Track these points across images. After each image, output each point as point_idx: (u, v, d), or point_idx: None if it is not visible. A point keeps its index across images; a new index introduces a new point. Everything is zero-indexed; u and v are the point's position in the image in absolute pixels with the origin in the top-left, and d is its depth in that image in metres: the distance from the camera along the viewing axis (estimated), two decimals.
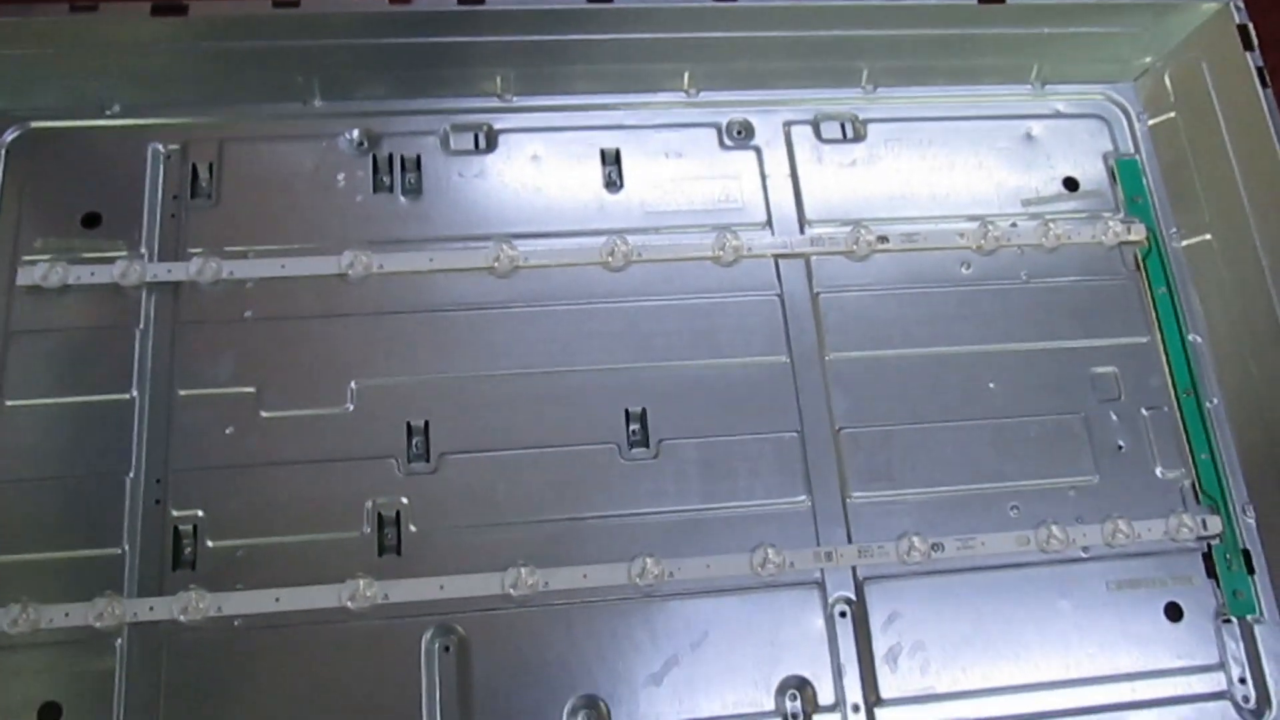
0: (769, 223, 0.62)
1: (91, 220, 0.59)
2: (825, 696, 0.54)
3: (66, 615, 0.51)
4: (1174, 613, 0.57)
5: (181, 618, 0.51)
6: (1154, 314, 0.63)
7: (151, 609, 0.52)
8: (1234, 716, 0.56)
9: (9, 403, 0.55)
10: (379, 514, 0.54)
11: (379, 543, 0.54)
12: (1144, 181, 0.66)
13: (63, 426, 0.55)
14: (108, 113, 0.61)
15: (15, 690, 0.50)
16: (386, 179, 0.61)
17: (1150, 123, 0.68)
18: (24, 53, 0.58)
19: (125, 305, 0.57)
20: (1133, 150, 0.67)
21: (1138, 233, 0.64)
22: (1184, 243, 0.65)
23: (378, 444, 0.56)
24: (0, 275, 0.57)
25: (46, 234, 0.58)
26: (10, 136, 0.60)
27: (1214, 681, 0.57)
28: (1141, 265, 0.64)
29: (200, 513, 0.54)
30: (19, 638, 0.51)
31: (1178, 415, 0.61)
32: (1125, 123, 0.68)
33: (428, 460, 0.56)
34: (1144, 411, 0.61)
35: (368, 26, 0.59)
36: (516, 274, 0.60)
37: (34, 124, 0.60)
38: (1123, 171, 0.66)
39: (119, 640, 0.51)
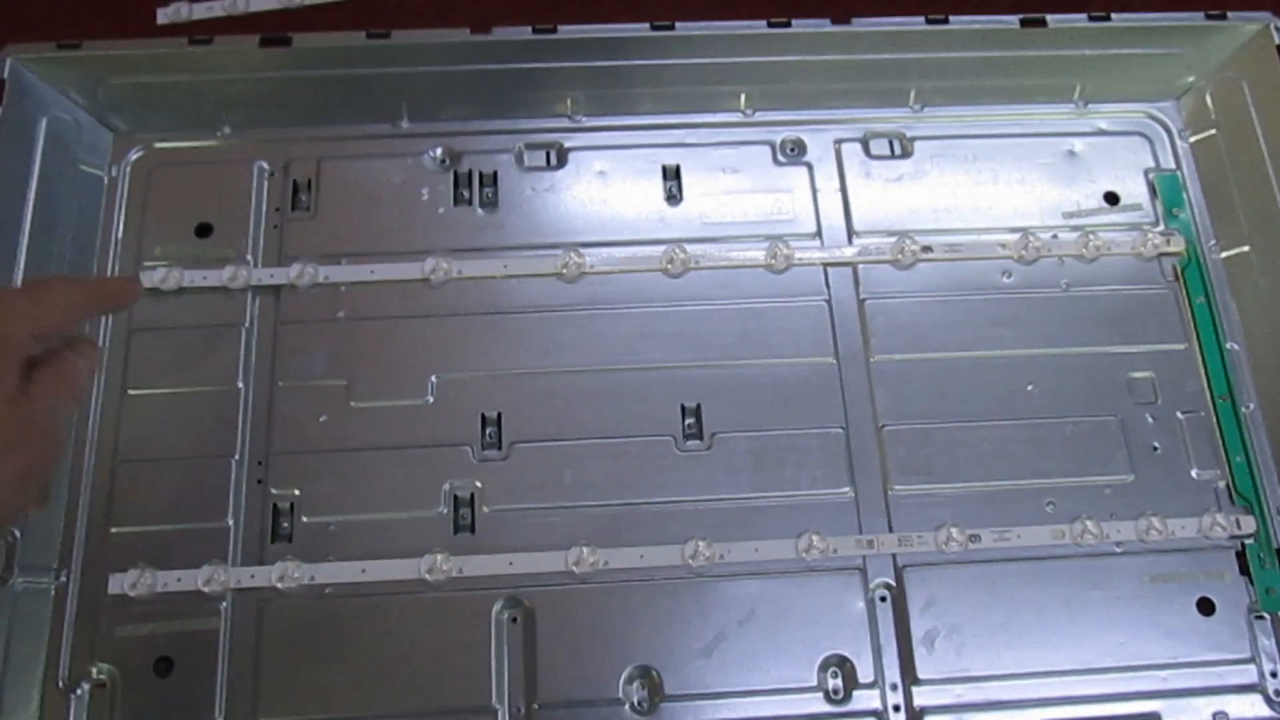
0: (819, 233, 0.66)
1: (204, 230, 0.65)
2: (865, 674, 0.57)
3: (179, 580, 0.57)
4: (1206, 607, 0.59)
5: (279, 585, 0.57)
6: (1192, 322, 0.65)
7: (253, 576, 0.57)
8: (1265, 710, 0.58)
9: (131, 392, 0.61)
10: (455, 496, 0.60)
11: (454, 522, 0.59)
12: (1184, 195, 0.69)
13: (177, 413, 0.61)
14: (219, 134, 0.68)
15: (135, 646, 0.56)
16: (466, 193, 0.67)
17: (1192, 140, 0.70)
18: (147, 80, 0.65)
19: (233, 306, 0.63)
20: (1173, 166, 0.70)
21: (1177, 244, 0.67)
22: (1223, 254, 0.67)
23: (455, 433, 0.61)
24: None
25: (164, 242, 0.65)
26: (134, 156, 0.67)
27: (1245, 675, 0.58)
28: (1180, 276, 0.67)
29: (297, 491, 0.59)
30: (138, 599, 0.57)
31: (1214, 419, 0.63)
32: (1167, 139, 0.70)
33: (500, 448, 0.61)
34: (1180, 415, 0.63)
35: (451, 54, 0.65)
36: (583, 279, 0.64)
37: (155, 144, 0.67)
38: (1163, 186, 0.69)
39: (224, 604, 0.57)
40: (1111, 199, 0.69)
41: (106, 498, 0.59)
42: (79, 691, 0.55)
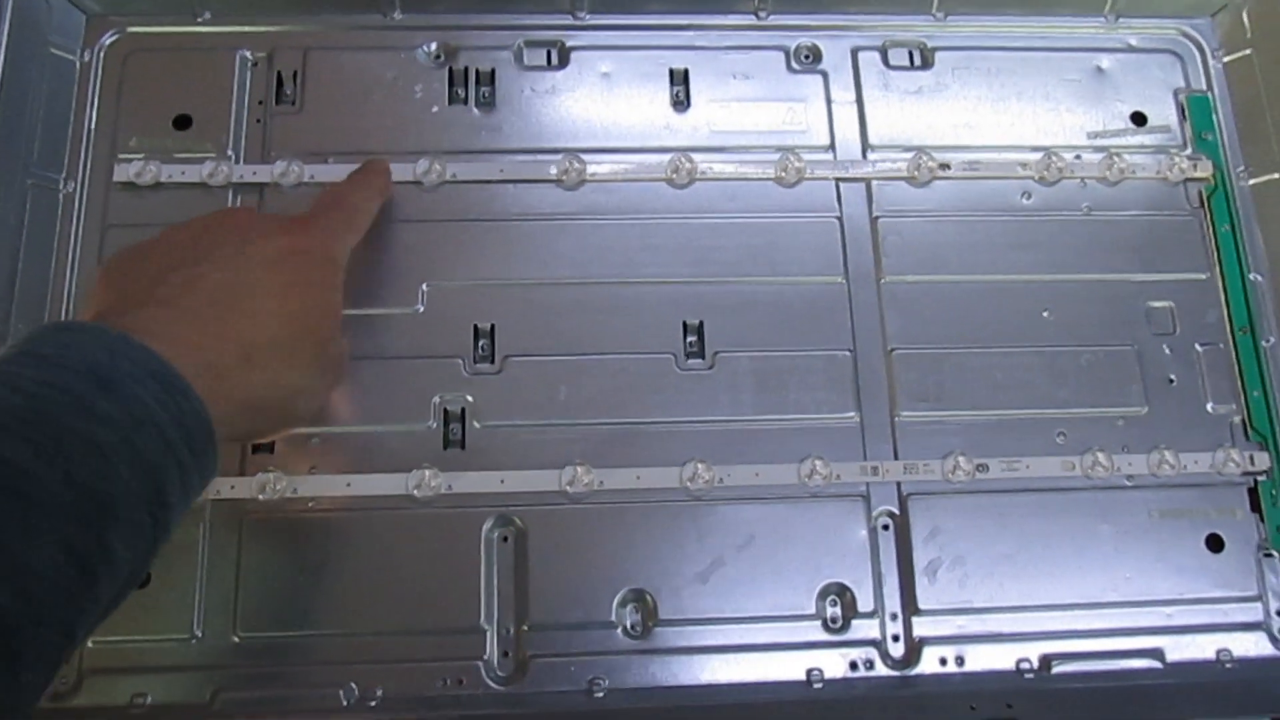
0: (832, 146, 0.63)
1: (182, 122, 0.61)
2: (865, 604, 0.56)
3: None
4: (1215, 544, 0.58)
5: (259, 497, 0.55)
6: (1216, 251, 0.63)
7: (233, 487, 0.55)
8: (1269, 647, 0.57)
9: None
10: (445, 410, 0.57)
11: (444, 437, 0.57)
12: (1214, 118, 0.66)
13: None
14: (199, 20, 0.64)
15: None
16: (461, 91, 0.63)
17: (1226, 60, 0.67)
18: None
19: (213, 203, 0.60)
20: (1205, 87, 0.66)
21: (1204, 169, 0.64)
22: (1251, 181, 0.64)
23: (446, 344, 0.58)
24: (99, 172, 0.60)
25: (141, 134, 0.61)
26: (108, 40, 0.63)
27: (1252, 612, 0.57)
28: (1206, 203, 0.64)
29: None
30: None
31: (1232, 352, 0.61)
32: (1199, 58, 0.67)
33: (493, 361, 0.58)
34: (1198, 347, 0.61)
35: None
36: (583, 187, 0.61)
37: (130, 29, 0.63)
38: (1193, 108, 0.66)
39: (203, 515, 0.55)
40: (1139, 120, 0.66)
41: None
42: None
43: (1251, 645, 0.57)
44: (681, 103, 0.64)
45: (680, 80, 0.64)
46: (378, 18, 0.64)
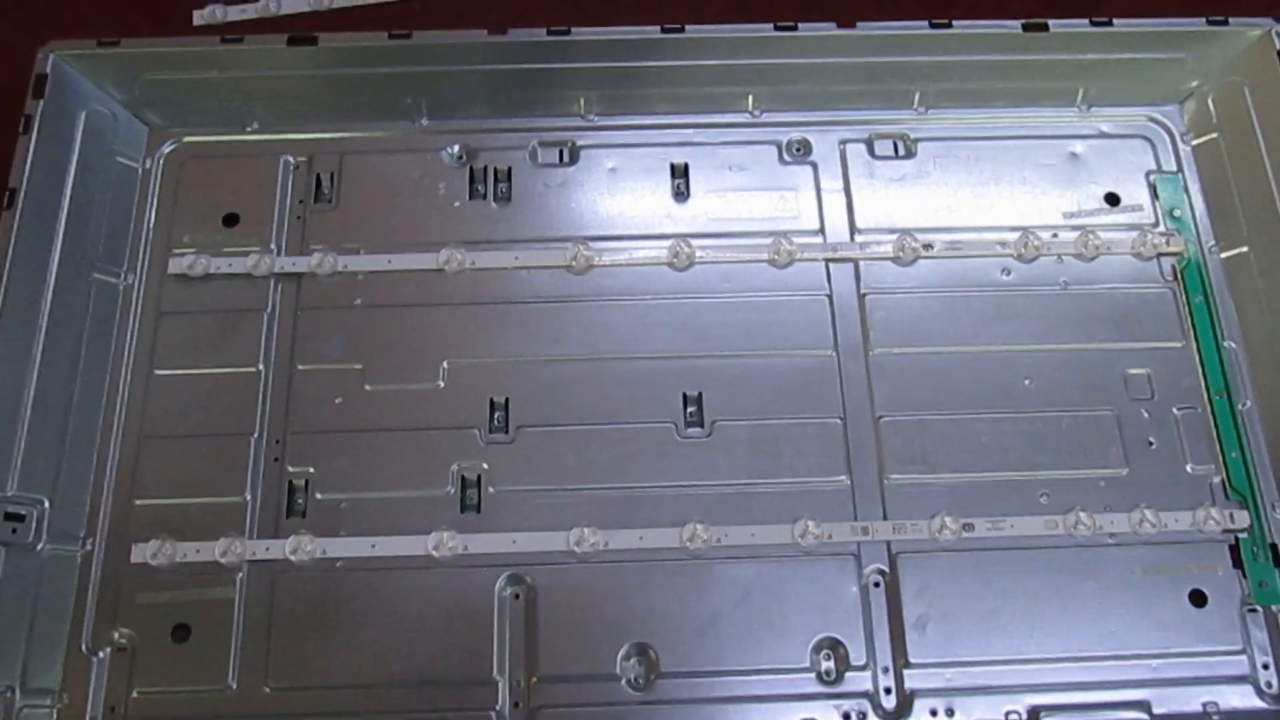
0: (822, 230, 0.68)
1: (231, 220, 0.68)
2: (857, 657, 0.59)
3: (198, 551, 0.60)
4: (1198, 599, 0.60)
5: (292, 558, 0.59)
6: (1190, 321, 0.66)
7: (268, 549, 0.60)
8: (1255, 701, 0.58)
9: (158, 372, 0.64)
10: (463, 476, 0.62)
11: (461, 501, 0.61)
12: (1184, 197, 0.70)
13: (201, 393, 0.64)
14: (248, 129, 0.71)
15: (154, 612, 0.59)
16: (481, 188, 0.69)
17: (1194, 143, 0.71)
18: (181, 77, 0.68)
19: (256, 292, 0.66)
20: (1175, 168, 0.71)
21: (1176, 244, 0.68)
22: (1223, 255, 0.68)
23: (464, 416, 0.63)
24: (155, 264, 0.67)
25: (193, 231, 0.68)
26: (167, 149, 0.70)
27: (1237, 666, 0.59)
28: (1179, 275, 0.68)
29: (311, 469, 0.62)
30: (159, 568, 0.59)
31: (1210, 415, 0.64)
32: (1169, 142, 0.71)
33: (507, 432, 0.63)
34: (1176, 411, 0.64)
35: (469, 54, 0.67)
36: (591, 271, 0.67)
37: (186, 138, 0.70)
38: (1164, 187, 0.70)
39: (240, 574, 0.60)
40: (1112, 200, 0.70)
41: (131, 471, 0.62)
42: (101, 655, 0.58)
43: (1238, 698, 0.59)
44: (682, 194, 0.69)
45: (681, 173, 0.70)
46: (406, 124, 0.71)
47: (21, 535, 0.58)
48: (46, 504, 0.59)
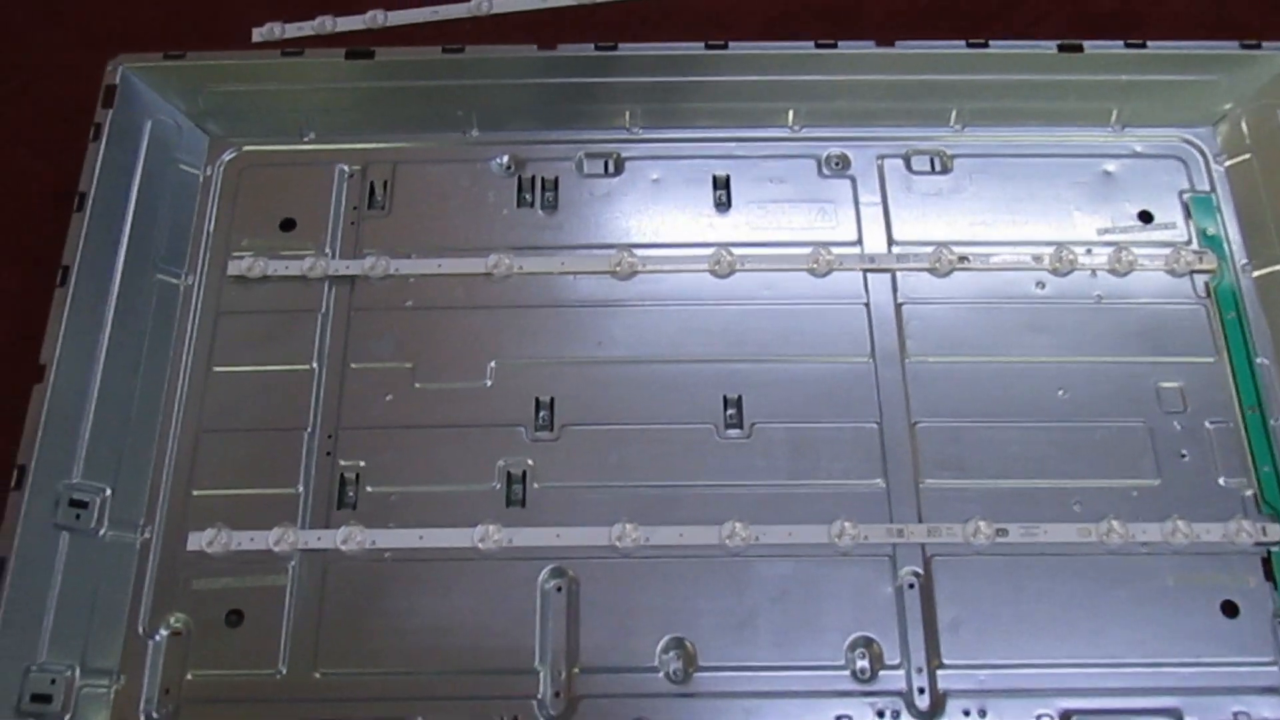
0: (859, 241, 0.70)
1: (288, 225, 0.71)
2: (891, 656, 0.60)
3: (252, 540, 0.62)
4: (1230, 610, 0.61)
5: (343, 548, 0.61)
6: (1222, 337, 0.68)
7: (319, 539, 0.62)
8: None
9: (216, 369, 0.67)
10: (508, 472, 0.64)
11: (507, 496, 0.63)
12: (1217, 216, 0.71)
13: (257, 389, 0.66)
14: (305, 139, 0.74)
15: (209, 598, 0.61)
16: (529, 196, 0.72)
17: (1227, 164, 0.72)
18: (242, 89, 0.71)
19: (311, 294, 0.69)
20: (1208, 188, 0.72)
21: (1209, 262, 0.69)
22: (1256, 273, 0.69)
23: (510, 414, 0.65)
24: (215, 266, 0.70)
25: (252, 235, 0.71)
26: (228, 157, 0.73)
27: (1268, 677, 0.59)
28: (1212, 292, 0.69)
29: (362, 463, 0.64)
30: (214, 556, 0.61)
31: (1242, 429, 0.65)
32: (1202, 163, 0.73)
33: (551, 430, 0.65)
34: (1208, 424, 0.65)
35: (519, 68, 0.70)
36: (635, 277, 0.69)
37: (246, 147, 0.73)
38: (1197, 207, 0.71)
39: (292, 563, 0.61)
40: (1145, 218, 0.71)
41: (190, 463, 0.64)
42: (157, 638, 0.60)
43: (1269, 709, 0.59)
44: (723, 204, 0.71)
45: (722, 185, 0.72)
46: (457, 135, 0.74)
47: (85, 521, 0.60)
48: (108, 492, 0.62)
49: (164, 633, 0.60)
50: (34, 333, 0.61)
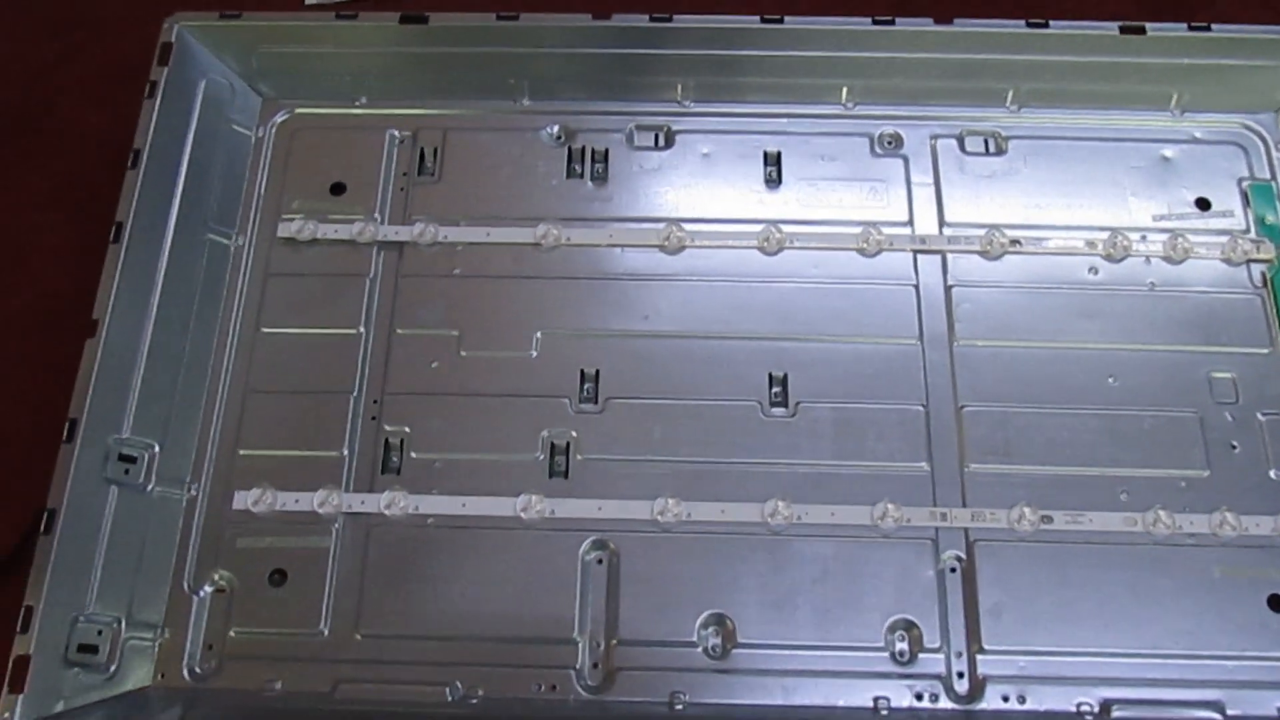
0: (910, 222, 0.69)
1: (338, 189, 0.71)
2: (931, 640, 0.59)
3: (296, 501, 0.62)
4: (1277, 604, 0.60)
5: (386, 512, 0.62)
6: (1278, 328, 0.66)
7: (363, 503, 0.62)
8: None
9: (264, 330, 0.67)
10: (552, 443, 0.64)
11: (550, 467, 0.63)
12: (1277, 205, 0.70)
13: (305, 352, 0.66)
14: (356, 103, 0.74)
15: (253, 557, 0.61)
16: (578, 167, 0.71)
17: None
18: (295, 50, 0.71)
19: (359, 258, 0.69)
20: (1269, 176, 0.71)
21: (1267, 251, 0.68)
22: None
23: (555, 385, 0.65)
24: (265, 228, 0.70)
25: (302, 198, 0.71)
26: (280, 119, 0.73)
27: None
28: (1269, 282, 0.68)
29: (407, 429, 0.64)
30: (259, 515, 0.62)
31: None
32: (1263, 150, 0.71)
33: (596, 402, 0.65)
34: (1261, 416, 0.64)
35: (572, 37, 0.70)
36: (683, 252, 0.68)
37: (298, 110, 0.73)
38: (1256, 195, 0.70)
39: (335, 525, 0.62)
40: (1203, 205, 0.70)
41: (237, 423, 0.65)
42: (201, 594, 0.61)
43: None
44: (774, 181, 0.71)
45: (773, 161, 0.71)
46: (508, 104, 0.73)
47: (133, 476, 0.61)
48: (157, 448, 0.62)
49: (208, 589, 0.61)
50: (90, 288, 0.62)
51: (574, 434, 0.64)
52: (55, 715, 0.55)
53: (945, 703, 0.58)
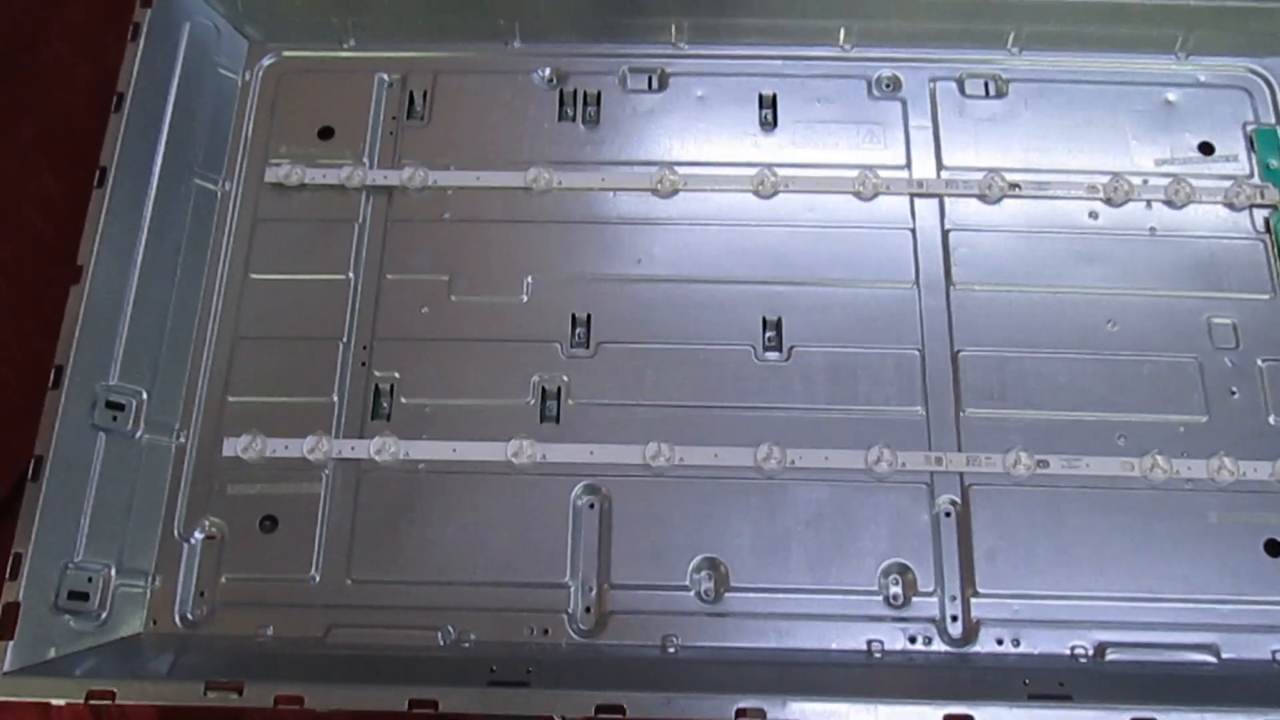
0: (908, 165, 0.68)
1: (326, 133, 0.70)
2: (925, 584, 0.59)
3: (286, 447, 0.62)
4: (1273, 549, 0.60)
5: (377, 458, 0.61)
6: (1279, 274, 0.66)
7: (353, 449, 0.62)
8: None
9: (253, 276, 0.66)
10: (543, 388, 0.63)
11: (541, 412, 0.63)
12: None
13: (293, 298, 0.66)
14: (344, 46, 0.72)
15: (243, 504, 0.61)
16: (570, 110, 0.70)
17: None
18: None
19: (348, 203, 0.68)
20: (1274, 121, 0.69)
21: (1270, 196, 0.67)
22: None
23: (546, 330, 0.64)
24: (252, 174, 0.69)
25: (289, 142, 0.70)
26: (267, 62, 0.72)
27: None
28: (1272, 228, 0.67)
29: (397, 375, 0.64)
30: (249, 462, 0.62)
31: None
32: (1268, 94, 0.70)
33: (587, 347, 0.64)
34: (1260, 362, 0.63)
35: None
36: (676, 196, 0.67)
37: (286, 53, 0.72)
38: (1261, 140, 0.69)
39: (326, 471, 0.62)
40: (1206, 149, 0.69)
41: (225, 369, 0.64)
42: (192, 540, 0.61)
43: None
44: (769, 124, 0.70)
45: (769, 104, 0.70)
46: (499, 46, 0.72)
47: (121, 423, 0.60)
48: (145, 395, 0.62)
49: (199, 536, 0.61)
50: (75, 234, 0.61)
51: (565, 379, 0.63)
52: (47, 661, 0.55)
53: (939, 645, 0.58)
